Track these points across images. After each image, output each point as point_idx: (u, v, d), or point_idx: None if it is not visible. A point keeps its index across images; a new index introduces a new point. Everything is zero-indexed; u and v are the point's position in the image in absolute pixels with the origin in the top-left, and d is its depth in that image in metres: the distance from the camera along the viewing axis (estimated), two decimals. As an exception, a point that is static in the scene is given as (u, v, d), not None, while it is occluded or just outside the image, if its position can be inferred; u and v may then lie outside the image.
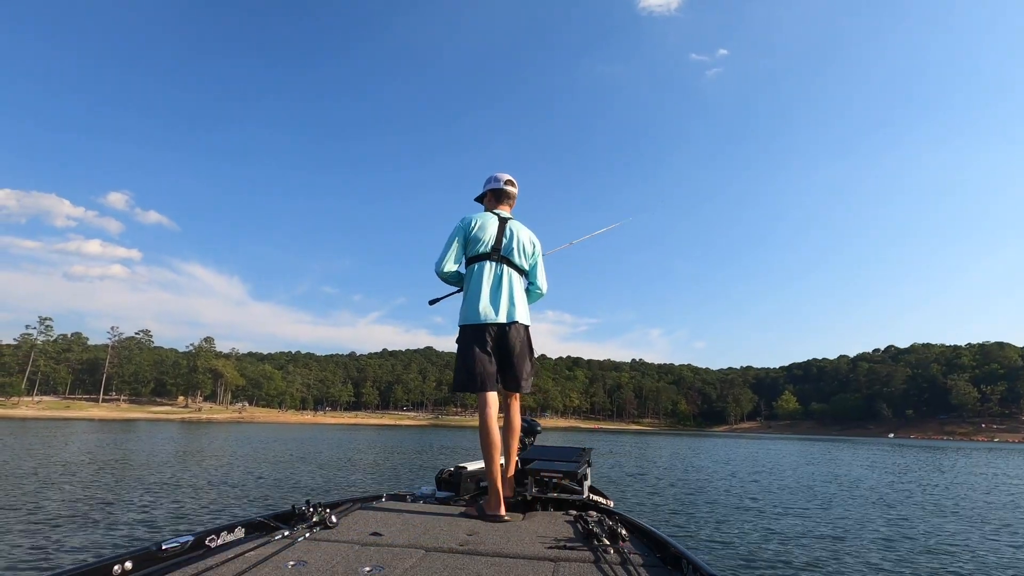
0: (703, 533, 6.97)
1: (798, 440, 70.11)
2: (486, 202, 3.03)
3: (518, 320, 2.70)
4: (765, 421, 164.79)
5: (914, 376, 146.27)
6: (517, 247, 2.83)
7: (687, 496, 10.59)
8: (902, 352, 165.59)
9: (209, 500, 8.45)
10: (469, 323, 2.68)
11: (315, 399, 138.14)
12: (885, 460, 26.53)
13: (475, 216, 2.85)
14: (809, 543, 6.58)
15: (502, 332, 2.66)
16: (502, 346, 2.67)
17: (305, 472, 13.19)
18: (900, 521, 8.53)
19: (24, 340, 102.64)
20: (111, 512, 7.15)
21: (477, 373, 2.60)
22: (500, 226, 2.83)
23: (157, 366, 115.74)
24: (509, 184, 2.99)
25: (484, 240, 2.77)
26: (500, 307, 2.67)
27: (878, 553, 6.21)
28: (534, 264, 2.96)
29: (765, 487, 12.64)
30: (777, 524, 7.81)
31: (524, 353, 2.73)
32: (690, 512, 8.63)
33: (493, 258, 2.76)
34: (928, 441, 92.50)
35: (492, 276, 2.73)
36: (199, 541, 1.73)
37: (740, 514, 8.57)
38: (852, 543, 6.69)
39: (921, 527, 8.07)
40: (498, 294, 2.70)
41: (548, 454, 3.47)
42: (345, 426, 75.56)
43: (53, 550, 5.14)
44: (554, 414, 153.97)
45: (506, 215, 2.93)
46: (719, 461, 21.68)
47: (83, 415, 78.05)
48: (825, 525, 7.89)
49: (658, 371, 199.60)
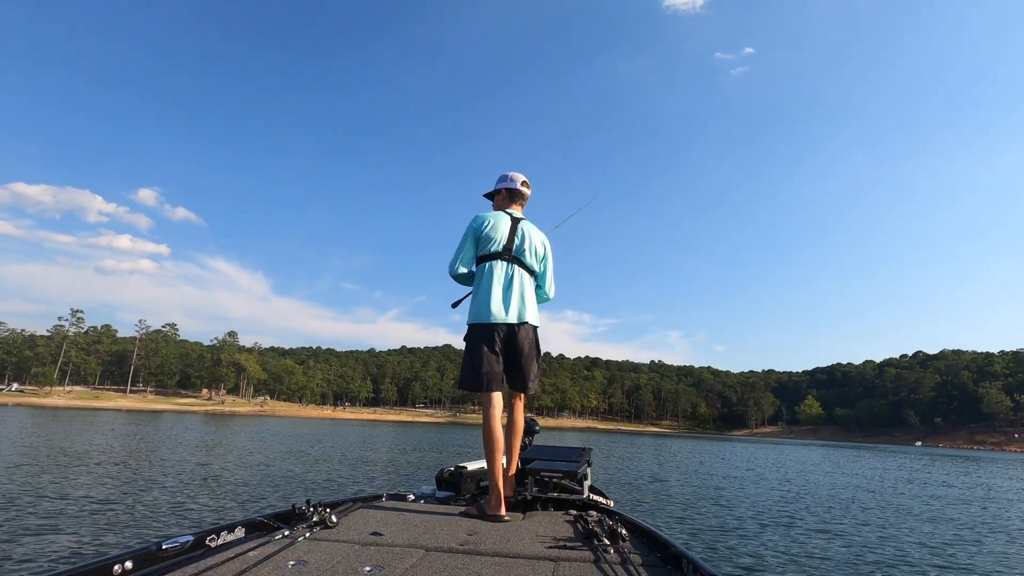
0: (726, 545, 6.74)
1: (821, 446, 68.67)
2: (498, 199, 3.00)
3: (528, 321, 2.69)
4: (787, 426, 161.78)
5: (943, 383, 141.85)
6: (529, 248, 2.81)
7: (714, 507, 10.31)
8: (931, 358, 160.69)
9: (231, 496, 8.49)
10: (479, 322, 2.66)
11: (335, 394, 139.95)
12: (918, 469, 25.71)
13: (487, 215, 2.83)
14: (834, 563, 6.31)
15: (511, 332, 2.65)
16: (510, 346, 2.66)
17: (322, 470, 13.23)
18: (937, 538, 8.17)
19: (57, 331, 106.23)
20: (127, 507, 7.21)
21: (484, 373, 2.59)
22: (512, 226, 2.81)
23: (182, 359, 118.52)
24: (524, 186, 2.97)
25: (496, 239, 2.75)
26: (511, 307, 2.66)
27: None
28: (544, 266, 2.96)
29: (791, 496, 12.28)
30: (799, 536, 7.53)
31: (532, 354, 2.71)
32: (714, 521, 8.38)
33: (504, 258, 2.75)
34: (958, 450, 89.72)
35: (503, 276, 2.72)
36: (199, 541, 1.73)
37: (766, 525, 8.30)
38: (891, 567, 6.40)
39: (968, 551, 7.26)
40: (509, 294, 2.68)
41: (548, 454, 3.49)
42: (364, 422, 76.32)
43: (65, 545, 5.18)
44: (572, 414, 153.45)
45: (518, 215, 2.91)
46: (740, 467, 21.25)
47: (111, 405, 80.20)
48: (857, 542, 7.59)
49: (677, 373, 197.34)
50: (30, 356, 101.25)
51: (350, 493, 4.38)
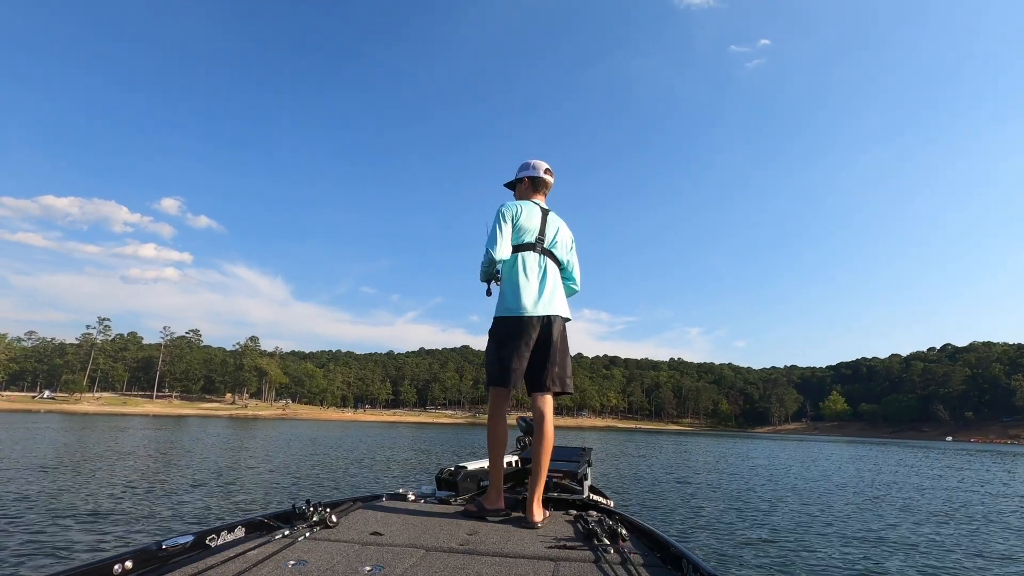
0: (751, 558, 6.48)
1: (848, 442, 67.20)
2: (522, 189, 2.86)
3: (560, 314, 2.58)
4: (811, 422, 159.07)
5: (974, 376, 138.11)
6: (560, 241, 2.73)
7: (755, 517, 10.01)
8: (960, 350, 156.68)
9: (250, 496, 8.46)
10: (511, 315, 2.51)
11: (355, 397, 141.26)
12: (963, 466, 24.91)
13: (519, 203, 2.70)
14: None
15: (546, 325, 2.51)
16: (544, 340, 2.50)
17: (337, 470, 13.20)
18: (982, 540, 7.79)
19: (85, 339, 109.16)
20: (149, 505, 7.21)
21: (512, 368, 2.43)
22: (543, 217, 2.71)
23: (206, 364, 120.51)
24: (548, 173, 2.85)
25: (530, 230, 2.64)
26: (544, 300, 2.54)
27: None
28: (571, 258, 2.86)
29: (826, 496, 11.91)
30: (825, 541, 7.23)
31: (566, 348, 2.58)
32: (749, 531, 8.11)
33: (537, 249, 2.64)
34: (992, 445, 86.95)
35: (538, 268, 2.60)
36: (199, 540, 1.71)
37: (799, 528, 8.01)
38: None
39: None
40: (543, 287, 2.57)
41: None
42: (384, 424, 76.77)
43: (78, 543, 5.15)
44: (591, 413, 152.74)
45: (545, 206, 2.80)
46: (768, 466, 20.79)
47: (139, 411, 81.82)
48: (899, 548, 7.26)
49: (697, 370, 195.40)
50: (60, 364, 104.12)
51: (352, 492, 4.36)
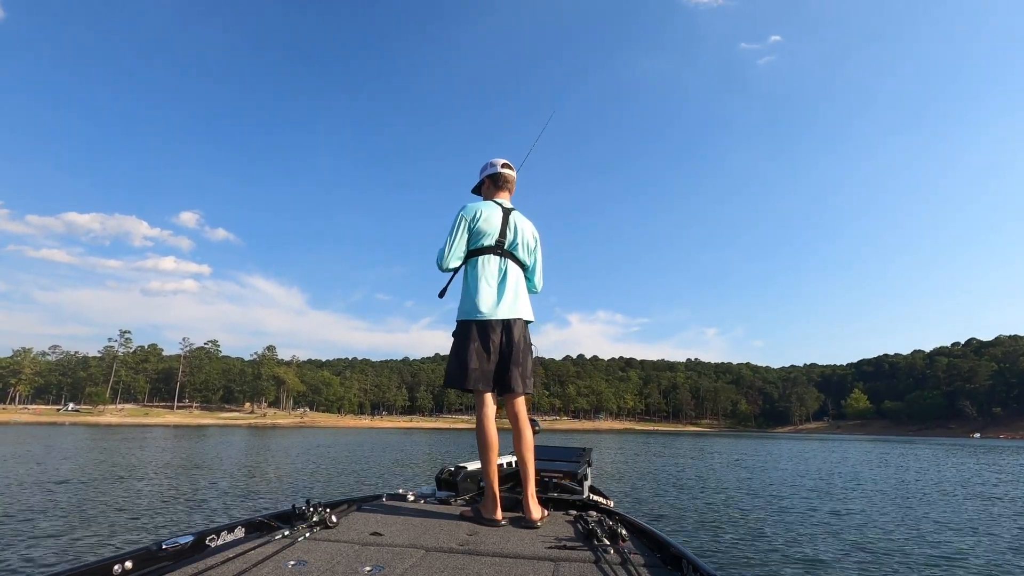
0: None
1: (872, 440, 65.81)
2: (484, 190, 2.82)
3: (521, 316, 2.57)
4: (833, 421, 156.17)
5: (1001, 371, 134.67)
6: (522, 242, 2.66)
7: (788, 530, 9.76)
8: (985, 345, 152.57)
9: (265, 500, 8.45)
10: (471, 319, 2.50)
11: (372, 404, 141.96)
12: (989, 461, 24.19)
13: (477, 205, 2.66)
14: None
15: (506, 328, 2.50)
16: (506, 343, 2.50)
17: (371, 471, 13.18)
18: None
19: (107, 352, 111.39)
20: (167, 510, 7.22)
21: (472, 370, 2.42)
22: (504, 217, 2.64)
23: (225, 374, 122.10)
24: (506, 168, 2.79)
25: (488, 232, 2.59)
26: (504, 303, 2.52)
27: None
28: (534, 259, 2.79)
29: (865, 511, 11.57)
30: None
31: (527, 350, 2.57)
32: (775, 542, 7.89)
33: (498, 252, 2.60)
34: (1021, 442, 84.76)
35: (497, 271, 2.58)
36: (199, 541, 1.72)
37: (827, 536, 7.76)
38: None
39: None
40: (503, 290, 2.55)
41: (548, 454, 3.48)
42: (402, 430, 77.03)
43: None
44: (608, 416, 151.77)
45: (508, 205, 2.73)
46: (796, 470, 20.38)
47: (160, 421, 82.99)
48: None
49: (715, 371, 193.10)
50: (84, 376, 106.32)
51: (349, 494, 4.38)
